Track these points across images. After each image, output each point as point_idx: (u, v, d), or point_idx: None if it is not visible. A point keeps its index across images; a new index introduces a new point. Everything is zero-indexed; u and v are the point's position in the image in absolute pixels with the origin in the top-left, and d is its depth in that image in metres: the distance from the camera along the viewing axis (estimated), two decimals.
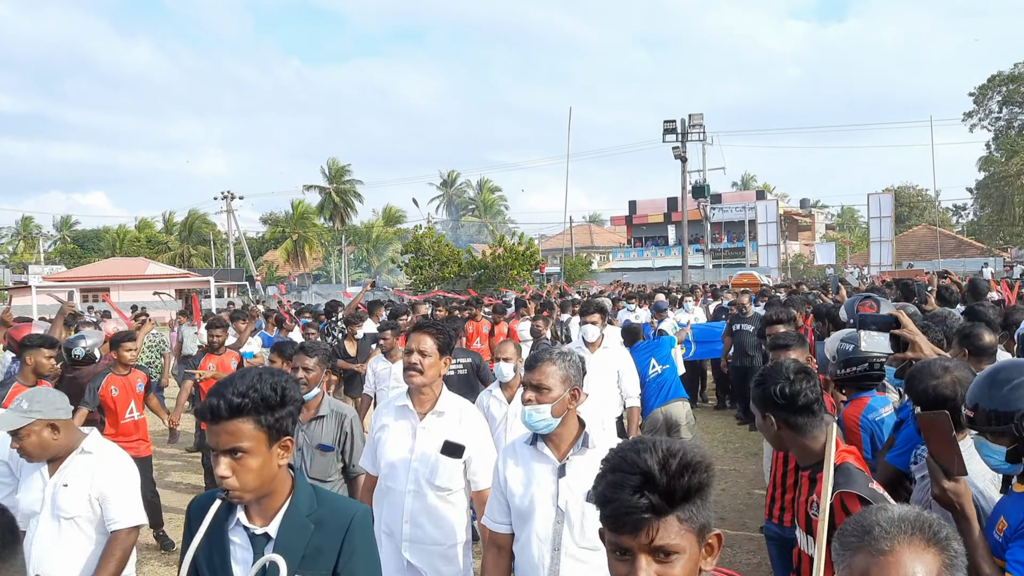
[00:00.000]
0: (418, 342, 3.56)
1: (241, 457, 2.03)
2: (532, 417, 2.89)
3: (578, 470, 2.88)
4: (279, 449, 2.11)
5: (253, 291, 37.48)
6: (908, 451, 3.10)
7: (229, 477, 2.02)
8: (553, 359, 2.95)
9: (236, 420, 2.03)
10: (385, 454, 3.61)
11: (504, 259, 29.27)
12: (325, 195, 69.47)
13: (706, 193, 37.44)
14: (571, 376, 2.95)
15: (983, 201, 50.85)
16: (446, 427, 3.55)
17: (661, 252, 56.78)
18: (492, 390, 5.45)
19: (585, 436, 2.92)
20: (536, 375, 2.93)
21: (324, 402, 4.32)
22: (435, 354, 3.56)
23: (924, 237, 52.30)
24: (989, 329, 3.98)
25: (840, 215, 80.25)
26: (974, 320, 5.34)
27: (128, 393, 6.55)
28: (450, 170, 75.34)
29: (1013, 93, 47.57)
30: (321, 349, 4.42)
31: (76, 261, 64.54)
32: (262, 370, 2.14)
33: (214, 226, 66.85)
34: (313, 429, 4.23)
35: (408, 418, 3.62)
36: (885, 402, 3.93)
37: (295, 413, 2.15)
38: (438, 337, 3.57)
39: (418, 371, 3.53)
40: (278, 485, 2.14)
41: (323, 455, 4.19)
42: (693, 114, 33.15)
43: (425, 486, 3.52)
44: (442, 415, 3.59)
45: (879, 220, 42.93)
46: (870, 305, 4.09)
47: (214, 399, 2.03)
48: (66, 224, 77.49)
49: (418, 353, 3.54)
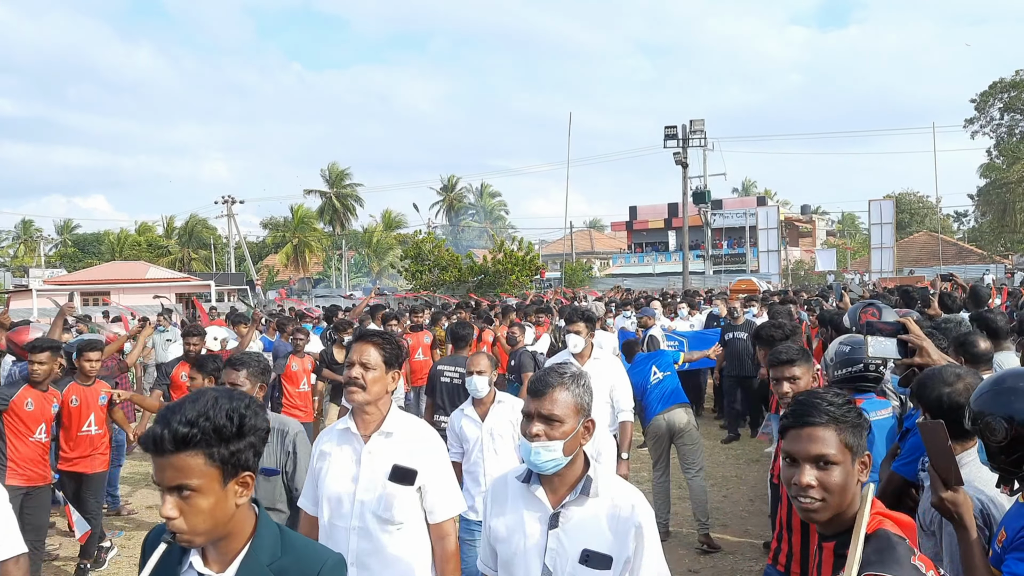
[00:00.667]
0: (360, 353, 3.10)
1: (189, 496, 1.77)
2: (540, 457, 2.42)
3: (574, 523, 2.44)
4: (236, 486, 1.84)
5: (253, 295, 37.46)
6: (915, 460, 3.08)
7: (176, 518, 1.77)
8: (565, 383, 2.47)
9: (183, 454, 1.76)
10: (327, 487, 3.13)
11: (504, 264, 29.28)
12: (326, 199, 69.50)
13: (707, 199, 37.47)
14: (585, 404, 2.50)
15: (984, 208, 50.80)
16: (396, 450, 3.08)
17: (661, 258, 56.77)
18: (464, 408, 5.01)
19: (587, 481, 2.47)
20: (546, 403, 2.44)
21: None
22: (380, 367, 3.10)
23: (925, 244, 52.26)
24: (984, 336, 3.96)
25: (841, 221, 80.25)
26: (982, 327, 5.34)
27: (89, 405, 6.26)
28: (450, 175, 75.46)
29: (1014, 100, 47.56)
30: (253, 361, 3.91)
31: (76, 265, 64.53)
32: (219, 393, 1.88)
33: (215, 230, 66.91)
34: None
35: (351, 443, 3.14)
36: (883, 405, 3.92)
37: (257, 444, 1.88)
38: (384, 348, 3.13)
39: (360, 387, 3.06)
40: (236, 527, 1.88)
41: (267, 480, 3.72)
42: (694, 120, 33.17)
43: (372, 521, 3.03)
44: (390, 436, 3.11)
45: (880, 226, 42.89)
46: (872, 313, 4.08)
47: (159, 428, 1.77)
48: (67, 228, 77.54)
49: (360, 366, 3.08)
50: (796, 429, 2.03)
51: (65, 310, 7.42)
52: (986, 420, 2.34)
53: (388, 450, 3.08)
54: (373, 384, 3.08)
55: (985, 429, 2.34)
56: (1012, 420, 2.28)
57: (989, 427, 2.33)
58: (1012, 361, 4.90)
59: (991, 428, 2.32)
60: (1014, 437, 2.28)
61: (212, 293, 32.04)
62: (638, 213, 60.22)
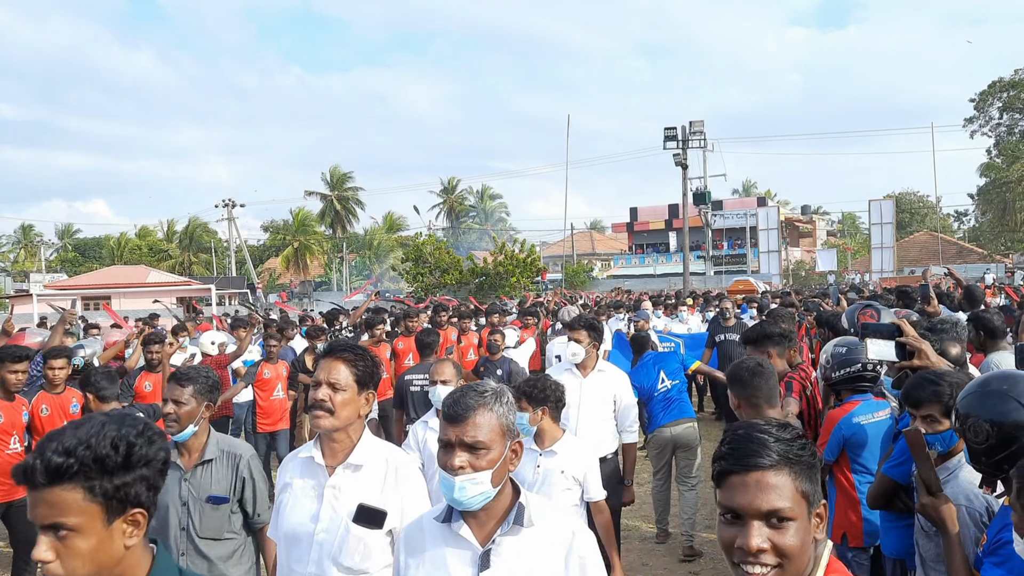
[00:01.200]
0: (328, 371, 2.69)
1: (66, 536, 1.54)
2: (466, 492, 2.09)
3: (508, 559, 2.13)
4: (125, 525, 1.60)
5: (254, 299, 37.49)
6: (905, 462, 3.09)
7: (51, 562, 1.53)
8: (487, 403, 2.16)
9: (58, 487, 1.53)
10: (285, 522, 2.74)
11: (505, 266, 29.29)
12: (327, 202, 69.56)
13: (707, 200, 37.51)
14: (511, 425, 2.21)
15: (984, 207, 50.85)
16: (364, 486, 2.66)
17: (662, 259, 56.77)
18: (428, 420, 4.58)
19: (519, 509, 2.17)
20: (468, 429, 2.12)
21: (211, 442, 3.40)
22: (351, 387, 2.68)
23: (926, 243, 52.25)
24: (956, 341, 3.99)
25: (841, 221, 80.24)
26: (978, 327, 5.35)
27: (59, 415, 5.89)
28: (450, 177, 75.49)
29: (1014, 99, 47.60)
30: (201, 377, 3.47)
31: (77, 269, 64.58)
32: (109, 418, 1.64)
33: (215, 234, 66.99)
34: (200, 478, 3.34)
35: (315, 474, 2.72)
36: (882, 406, 3.93)
37: (152, 477, 1.63)
38: (356, 365, 2.71)
39: (326, 411, 2.65)
40: (125, 571, 1.62)
41: (215, 509, 3.34)
42: (694, 121, 33.24)
43: (331, 568, 2.63)
44: (359, 469, 2.69)
45: (880, 226, 42.92)
46: (871, 314, 4.11)
47: (31, 457, 1.56)
48: (67, 232, 77.60)
49: (327, 386, 2.67)
50: (739, 474, 1.53)
51: (67, 316, 7.43)
52: (970, 422, 2.36)
53: (355, 485, 2.67)
54: (342, 407, 2.67)
55: (968, 431, 2.37)
56: (994, 423, 2.31)
57: (972, 429, 2.36)
58: (1008, 361, 4.90)
59: (974, 430, 2.35)
60: (996, 439, 2.30)
61: (213, 297, 31.99)
62: (639, 214, 60.23)
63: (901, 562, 3.61)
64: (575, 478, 4.05)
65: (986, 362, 5.03)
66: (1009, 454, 2.29)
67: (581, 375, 5.30)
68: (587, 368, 5.33)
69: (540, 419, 4.02)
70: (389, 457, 2.77)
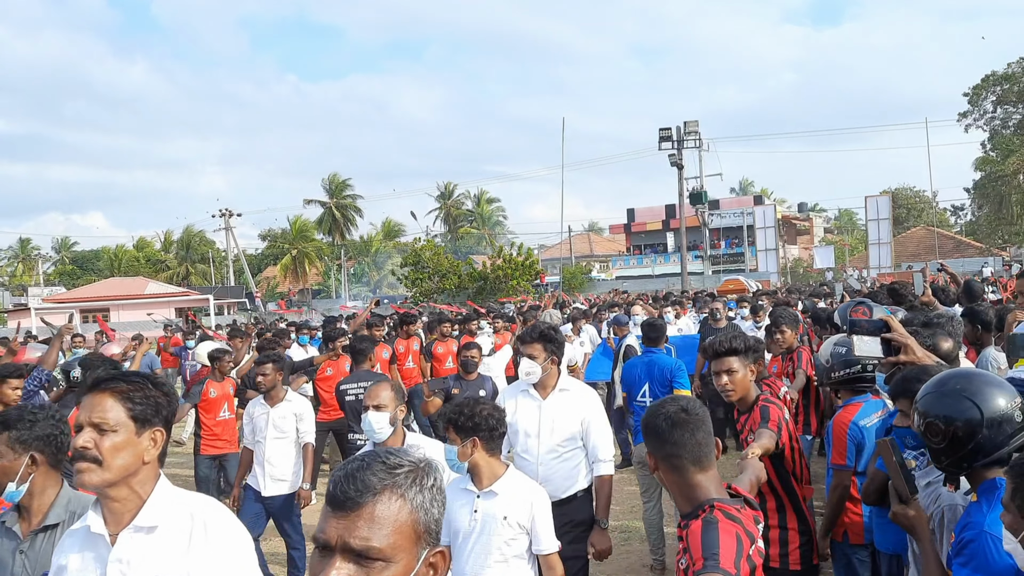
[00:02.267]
0: (91, 410, 2.10)
1: None
2: None
3: None
4: None
5: (253, 308, 37.48)
6: None
7: None
8: (398, 485, 1.37)
9: None
10: None
11: (504, 270, 29.33)
12: (325, 210, 69.59)
13: (704, 199, 37.55)
14: (431, 525, 1.40)
15: (980, 201, 50.92)
16: (161, 553, 2.07)
17: (660, 259, 56.75)
18: None
19: None
20: (359, 526, 1.33)
21: (60, 502, 2.66)
22: (127, 428, 2.09)
23: (923, 238, 52.30)
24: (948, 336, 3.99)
25: (838, 218, 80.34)
26: (974, 321, 5.36)
27: None
28: (447, 182, 75.53)
29: (1007, 92, 47.69)
30: (17, 419, 2.71)
31: (75, 282, 64.57)
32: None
33: (213, 243, 67.01)
34: (38, 548, 2.57)
35: (95, 547, 2.11)
36: (880, 406, 3.93)
37: None
38: (131, 398, 2.12)
39: (92, 461, 2.05)
40: None
41: None
42: (688, 121, 33.25)
43: None
44: (152, 531, 2.09)
45: (877, 222, 42.99)
46: (863, 311, 4.11)
47: None
48: (65, 245, 77.60)
49: (91, 429, 2.07)
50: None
51: (64, 331, 7.41)
52: (926, 421, 2.38)
53: (150, 554, 2.06)
54: (114, 455, 2.06)
55: (926, 430, 2.39)
56: (949, 421, 2.32)
57: (929, 428, 2.37)
58: (1000, 356, 4.92)
59: (931, 429, 2.37)
60: (951, 438, 2.32)
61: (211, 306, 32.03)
62: (636, 215, 60.25)
63: (897, 558, 3.62)
64: (520, 524, 3.39)
65: (982, 356, 5.04)
66: (966, 453, 2.31)
67: (539, 396, 4.39)
68: (547, 387, 4.39)
69: (471, 453, 3.36)
70: (195, 511, 2.15)
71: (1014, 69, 46.83)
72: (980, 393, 2.32)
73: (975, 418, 2.29)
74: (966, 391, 2.34)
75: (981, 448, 2.29)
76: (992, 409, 2.29)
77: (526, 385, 4.42)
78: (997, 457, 2.30)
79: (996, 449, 2.29)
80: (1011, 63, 47.16)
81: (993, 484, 2.30)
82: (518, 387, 4.51)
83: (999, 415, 2.29)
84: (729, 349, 3.70)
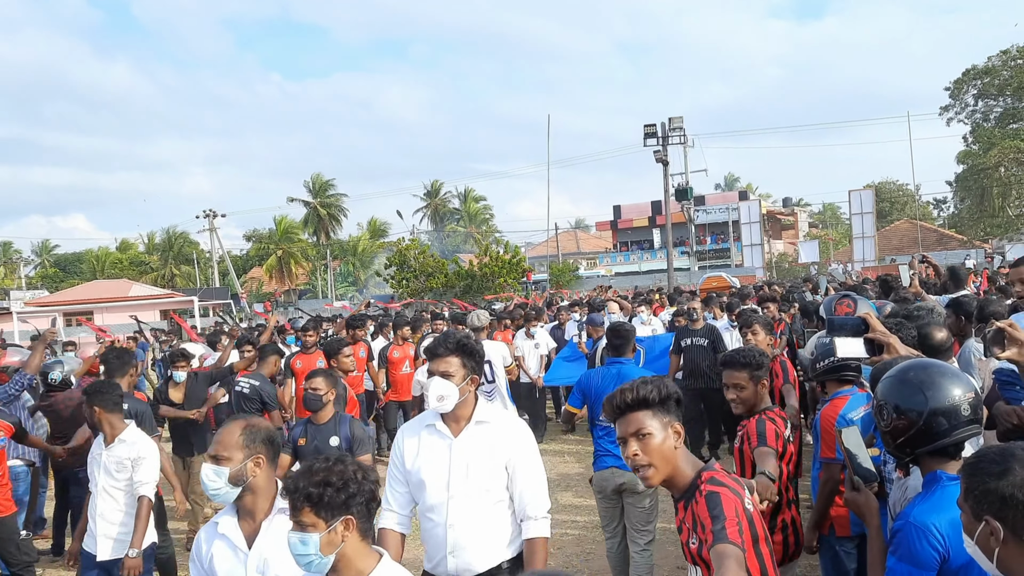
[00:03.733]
0: None
1: None
2: None
3: None
4: None
5: (238, 309, 37.30)
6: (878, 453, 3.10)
7: None
8: None
9: None
10: None
11: (491, 268, 29.30)
12: (310, 209, 69.30)
13: (689, 196, 37.50)
14: None
15: (963, 194, 51.25)
16: None
17: (647, 256, 56.87)
18: None
19: None
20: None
21: None
22: None
23: (906, 231, 52.59)
24: (941, 326, 4.02)
25: (822, 212, 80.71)
26: (958, 312, 5.38)
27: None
28: (434, 180, 75.35)
29: (988, 86, 48.05)
30: None
31: (58, 285, 64.04)
32: None
33: (197, 245, 66.57)
34: None
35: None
36: (867, 399, 3.93)
37: None
38: None
39: None
40: None
41: None
42: (673, 118, 33.23)
43: None
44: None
45: (861, 216, 43.15)
46: (848, 304, 4.09)
47: None
48: (46, 248, 76.95)
49: None
50: None
51: (47, 336, 7.35)
52: (877, 404, 2.48)
53: None
54: None
55: (877, 413, 2.48)
56: (896, 407, 2.40)
57: (879, 411, 2.46)
58: (979, 347, 4.93)
59: (880, 412, 2.46)
60: (894, 423, 2.40)
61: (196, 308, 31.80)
62: (622, 212, 60.34)
63: None
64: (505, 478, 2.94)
65: (965, 347, 5.05)
66: (907, 439, 2.39)
67: (450, 433, 3.28)
68: (460, 420, 3.28)
69: (341, 541, 2.30)
70: None
71: (994, 63, 47.19)
72: (934, 385, 2.38)
73: (919, 407, 2.36)
74: (920, 380, 2.40)
75: (920, 436, 2.36)
76: (939, 400, 2.35)
77: (432, 417, 3.32)
78: (939, 447, 2.36)
79: (935, 439, 2.35)
80: (991, 57, 47.59)
81: (935, 476, 2.36)
82: (422, 420, 3.40)
83: (944, 407, 2.35)
84: (635, 402, 2.49)
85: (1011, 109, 48.86)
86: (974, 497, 1.87)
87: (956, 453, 2.40)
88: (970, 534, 1.89)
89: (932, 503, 2.31)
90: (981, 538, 1.86)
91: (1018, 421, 3.13)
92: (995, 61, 47.22)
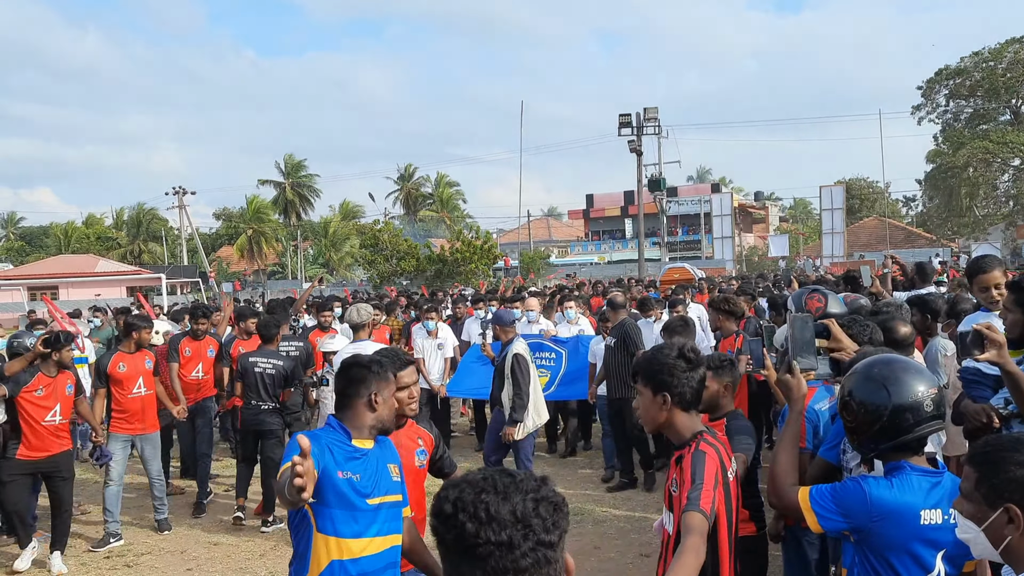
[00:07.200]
0: None
1: None
2: None
3: None
4: None
5: (207, 288, 36.89)
6: (837, 445, 3.13)
7: None
8: None
9: None
10: None
11: (462, 253, 29.22)
12: (280, 190, 68.60)
13: (662, 187, 37.64)
14: None
15: (931, 193, 51.94)
16: None
17: (619, 245, 57.07)
18: None
19: None
20: None
21: None
22: None
23: (875, 228, 53.23)
24: (904, 321, 4.07)
25: (793, 207, 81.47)
26: (922, 309, 5.45)
27: None
28: (407, 164, 74.89)
29: (959, 87, 48.65)
30: None
31: (23, 259, 62.89)
32: None
33: (166, 222, 65.68)
34: None
35: None
36: (832, 391, 3.96)
37: None
38: None
39: None
40: None
41: None
42: (648, 108, 33.29)
43: None
44: None
45: (831, 212, 43.63)
46: (818, 298, 4.12)
47: None
48: (12, 221, 75.53)
49: None
50: None
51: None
52: (842, 399, 2.51)
53: None
54: None
55: (842, 408, 2.51)
56: (860, 403, 2.44)
57: (843, 406, 2.50)
58: (948, 344, 5.00)
59: (845, 408, 2.49)
60: (858, 419, 2.44)
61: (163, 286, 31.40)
62: (595, 201, 60.43)
63: None
64: None
65: (930, 345, 5.13)
66: (872, 434, 2.42)
67: None
68: None
69: None
70: None
71: (966, 64, 47.78)
72: (897, 381, 2.41)
73: (882, 404, 2.38)
74: (884, 377, 2.43)
75: (884, 432, 2.39)
76: (902, 397, 2.38)
77: None
78: (901, 443, 2.39)
79: (899, 435, 2.38)
80: (964, 57, 48.13)
81: (899, 465, 2.41)
82: None
83: (907, 404, 2.37)
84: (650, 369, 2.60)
85: (981, 110, 49.56)
86: (991, 486, 1.85)
87: (919, 448, 2.44)
88: (978, 522, 1.87)
89: (889, 483, 2.37)
90: (994, 526, 1.84)
91: (987, 419, 3.17)
92: (967, 62, 47.81)
